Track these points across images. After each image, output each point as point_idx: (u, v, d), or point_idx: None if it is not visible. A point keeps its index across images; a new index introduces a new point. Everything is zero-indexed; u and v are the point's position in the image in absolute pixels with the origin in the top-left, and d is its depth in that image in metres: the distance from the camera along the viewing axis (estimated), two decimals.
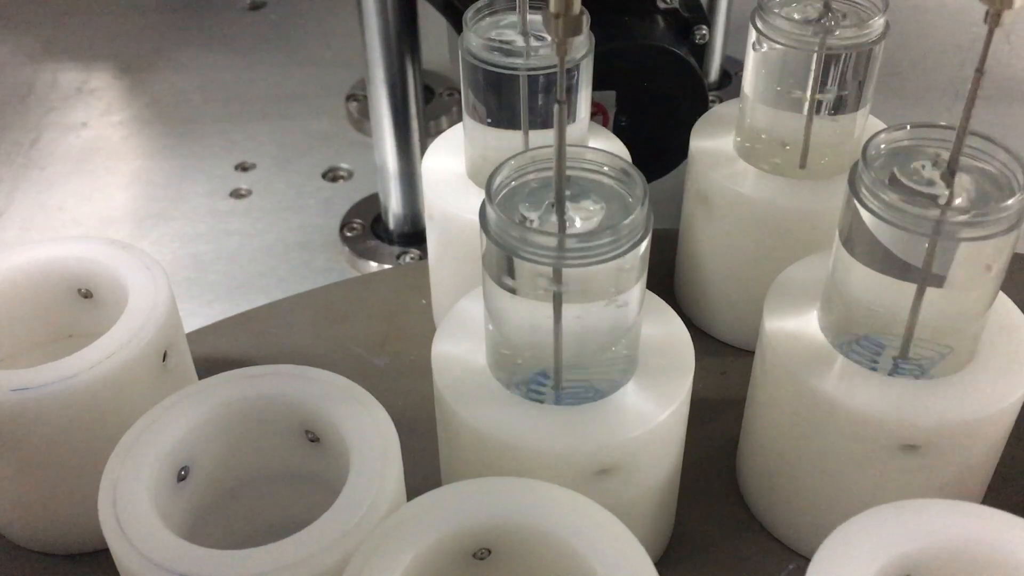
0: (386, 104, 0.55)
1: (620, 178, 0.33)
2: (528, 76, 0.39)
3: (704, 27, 0.52)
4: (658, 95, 0.51)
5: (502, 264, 0.32)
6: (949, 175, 0.32)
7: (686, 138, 0.47)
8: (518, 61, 0.39)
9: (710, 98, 0.54)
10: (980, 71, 0.31)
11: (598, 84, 0.49)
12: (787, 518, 0.40)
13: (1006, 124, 0.70)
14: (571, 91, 0.41)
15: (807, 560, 0.38)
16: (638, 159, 0.47)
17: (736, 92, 0.46)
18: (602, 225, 0.32)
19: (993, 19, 0.29)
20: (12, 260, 0.40)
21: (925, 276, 0.33)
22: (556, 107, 0.29)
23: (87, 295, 0.41)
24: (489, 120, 0.41)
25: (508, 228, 0.31)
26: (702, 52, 0.53)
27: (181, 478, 0.33)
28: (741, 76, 0.44)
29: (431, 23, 0.62)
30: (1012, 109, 0.71)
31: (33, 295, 0.41)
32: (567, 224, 0.32)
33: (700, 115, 0.52)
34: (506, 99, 0.40)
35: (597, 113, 0.51)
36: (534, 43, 0.40)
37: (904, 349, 0.34)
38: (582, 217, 0.32)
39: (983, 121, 0.74)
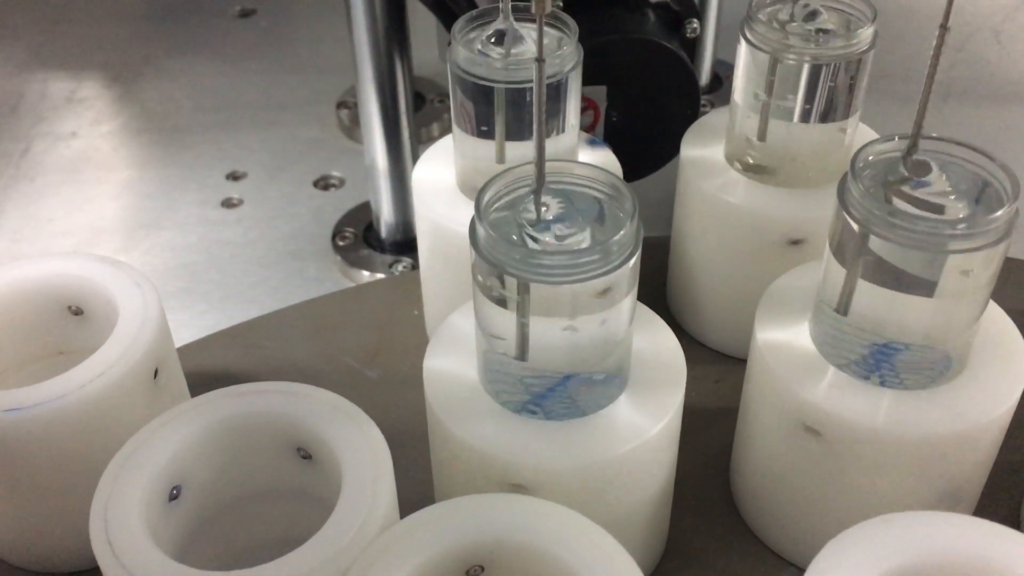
0: (375, 105, 0.55)
1: (610, 193, 0.33)
2: (510, 89, 0.39)
3: (695, 21, 0.52)
4: (649, 90, 0.51)
5: (492, 279, 0.32)
6: (912, 146, 0.32)
7: (678, 133, 0.47)
8: (504, 73, 0.39)
9: (701, 103, 0.54)
10: (944, 27, 0.31)
11: (588, 79, 0.49)
12: (781, 529, 0.40)
13: (997, 126, 0.70)
14: (559, 102, 0.41)
15: (801, 571, 0.38)
16: (630, 155, 0.47)
17: (727, 96, 0.46)
18: (592, 241, 0.32)
19: None
20: (1, 277, 0.40)
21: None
22: (536, 65, 0.29)
23: (77, 312, 0.41)
24: (478, 131, 0.41)
25: (498, 245, 0.30)
26: (693, 46, 0.53)
27: (173, 497, 0.33)
28: (732, 80, 0.44)
29: (421, 29, 0.62)
30: (1004, 110, 0.71)
31: (23, 313, 0.41)
32: (556, 239, 0.32)
33: (692, 110, 0.52)
34: (495, 111, 0.40)
35: (588, 108, 0.51)
36: (520, 55, 0.40)
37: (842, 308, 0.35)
38: (572, 232, 0.32)
39: (975, 122, 0.75)
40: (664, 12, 0.52)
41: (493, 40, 0.41)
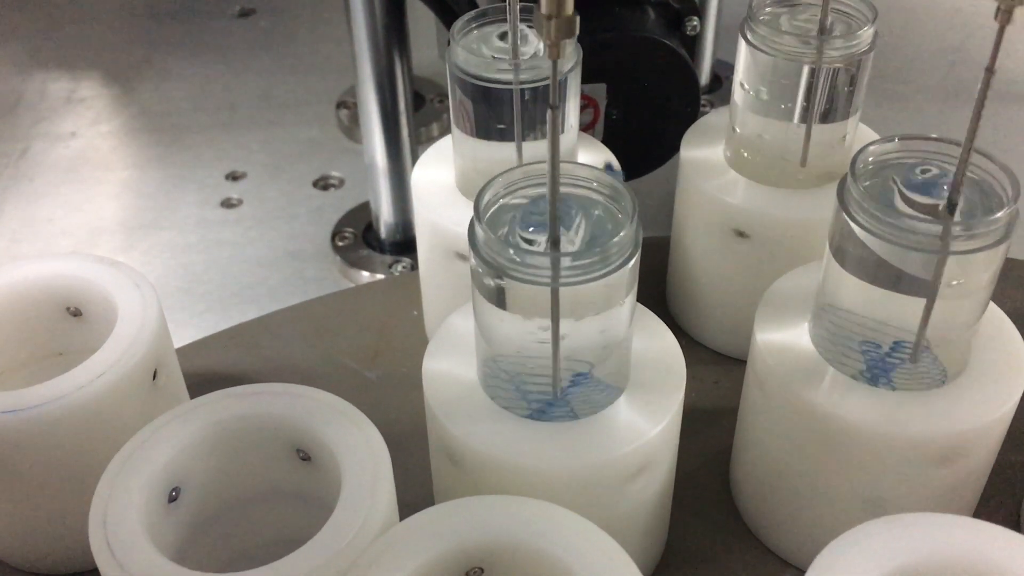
0: (375, 105, 0.55)
1: (609, 194, 0.33)
2: (512, 90, 0.39)
3: (695, 18, 0.52)
4: (649, 87, 0.51)
5: (491, 281, 0.32)
6: (958, 180, 0.32)
7: (678, 131, 0.47)
8: (506, 75, 0.39)
9: (701, 103, 0.54)
10: (991, 70, 0.30)
11: (588, 77, 0.48)
12: (781, 529, 0.40)
13: (996, 125, 0.70)
14: (560, 100, 0.41)
15: (801, 572, 0.38)
16: (630, 152, 0.47)
17: (727, 96, 0.46)
18: (592, 243, 0.32)
19: (1004, 16, 0.28)
20: (0, 278, 0.40)
21: (933, 292, 0.32)
22: (549, 113, 0.29)
23: (76, 313, 0.41)
24: (478, 132, 0.41)
25: (496, 247, 0.30)
26: (693, 43, 0.53)
27: (172, 499, 0.33)
28: (732, 80, 0.44)
29: (421, 29, 0.62)
30: (1004, 110, 0.71)
31: (22, 314, 0.41)
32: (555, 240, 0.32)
33: (692, 108, 0.51)
34: (494, 112, 0.40)
35: (588, 106, 0.51)
36: (522, 56, 0.40)
37: (915, 354, 0.34)
38: (571, 234, 0.32)
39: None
40: (664, 9, 0.52)
41: (493, 40, 0.41)
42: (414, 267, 0.59)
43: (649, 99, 0.51)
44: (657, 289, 0.52)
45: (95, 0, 0.87)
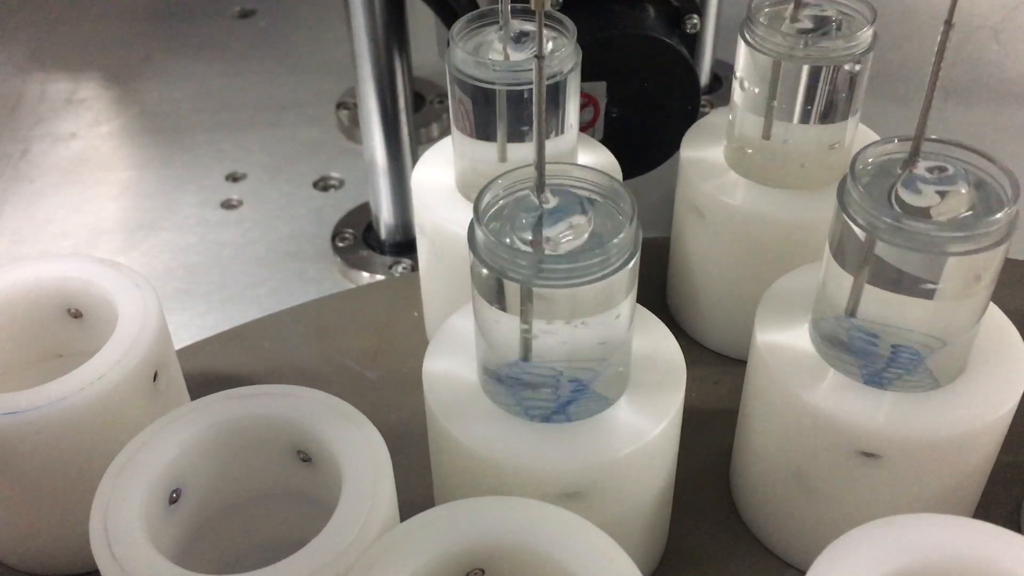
0: (375, 105, 0.55)
1: (609, 195, 0.33)
2: (509, 91, 0.39)
3: (695, 16, 0.52)
4: (649, 85, 0.51)
5: (491, 282, 0.32)
6: (914, 151, 0.32)
7: (678, 129, 0.47)
8: (503, 75, 0.39)
9: (701, 103, 0.54)
10: (949, 23, 0.30)
11: (588, 75, 0.48)
12: (781, 530, 0.40)
13: (997, 126, 0.70)
14: (558, 102, 0.41)
15: (801, 573, 0.38)
16: (630, 151, 0.47)
17: (727, 96, 0.46)
18: (591, 244, 0.32)
19: None
20: (0, 279, 0.40)
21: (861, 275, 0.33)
22: (535, 62, 0.29)
23: (76, 315, 0.41)
24: (477, 133, 0.41)
25: (496, 248, 0.30)
26: (693, 42, 0.53)
27: (173, 500, 0.33)
28: (731, 80, 0.44)
29: (421, 29, 0.62)
30: (1004, 110, 0.71)
31: (22, 315, 0.41)
32: (555, 243, 0.32)
33: (692, 106, 0.51)
34: (493, 113, 0.40)
35: (588, 104, 0.51)
36: (518, 57, 0.40)
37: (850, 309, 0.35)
38: (572, 235, 0.32)
39: (975, 122, 0.75)
40: (664, 7, 0.52)
41: (493, 41, 0.41)
42: (414, 268, 0.59)
43: (649, 97, 0.51)
44: (657, 289, 0.52)
45: (95, 0, 0.87)
